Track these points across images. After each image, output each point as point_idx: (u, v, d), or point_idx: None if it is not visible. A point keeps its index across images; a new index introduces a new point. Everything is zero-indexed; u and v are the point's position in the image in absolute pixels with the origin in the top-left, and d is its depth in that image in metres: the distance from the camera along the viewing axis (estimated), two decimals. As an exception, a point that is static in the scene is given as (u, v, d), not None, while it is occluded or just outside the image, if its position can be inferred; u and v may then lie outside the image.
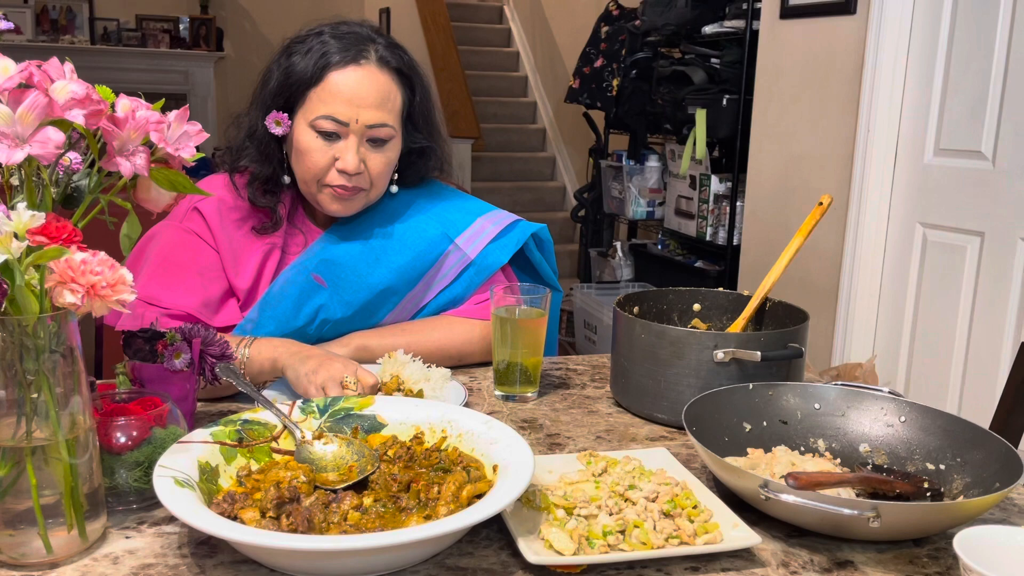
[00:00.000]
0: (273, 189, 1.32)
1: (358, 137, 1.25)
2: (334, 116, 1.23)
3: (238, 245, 1.30)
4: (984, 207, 2.43)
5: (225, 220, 1.31)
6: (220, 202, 1.31)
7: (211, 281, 1.28)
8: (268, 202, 1.31)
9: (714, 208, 3.51)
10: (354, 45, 1.26)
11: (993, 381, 2.38)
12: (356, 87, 1.24)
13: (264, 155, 1.29)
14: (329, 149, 1.25)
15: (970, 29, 2.43)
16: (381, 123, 1.25)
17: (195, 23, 6.93)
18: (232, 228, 1.31)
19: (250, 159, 1.30)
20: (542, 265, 1.45)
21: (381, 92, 1.25)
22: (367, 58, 1.25)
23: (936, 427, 0.97)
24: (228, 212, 1.31)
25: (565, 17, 5.78)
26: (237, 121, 1.34)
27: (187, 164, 0.84)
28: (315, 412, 0.96)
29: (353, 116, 1.24)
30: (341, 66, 1.24)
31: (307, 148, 1.25)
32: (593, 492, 0.87)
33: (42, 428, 0.74)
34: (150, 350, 0.98)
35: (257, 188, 1.31)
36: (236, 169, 1.32)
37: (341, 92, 1.23)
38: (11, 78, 0.71)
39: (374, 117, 1.25)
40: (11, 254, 0.68)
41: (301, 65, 1.25)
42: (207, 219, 1.30)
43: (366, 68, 1.25)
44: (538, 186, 6.00)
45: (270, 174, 1.30)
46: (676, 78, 3.60)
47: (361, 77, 1.24)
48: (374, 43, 1.27)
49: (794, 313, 1.21)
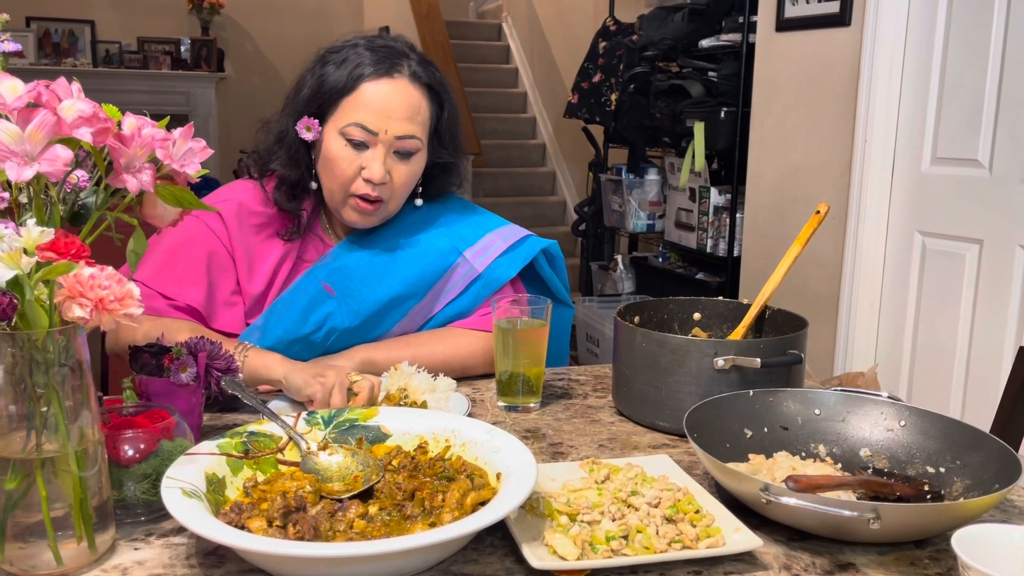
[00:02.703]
0: (299, 194, 1.34)
1: (386, 148, 1.28)
2: (364, 124, 1.26)
3: (254, 250, 1.33)
4: (982, 214, 2.44)
5: (244, 224, 1.33)
6: (240, 206, 1.34)
7: (219, 278, 1.31)
8: (293, 207, 1.34)
9: (714, 220, 3.52)
10: (388, 58, 1.29)
11: (995, 387, 2.38)
12: (388, 99, 1.27)
13: (293, 160, 1.32)
14: (357, 158, 1.27)
15: (965, 38, 2.45)
16: (409, 135, 1.28)
17: (196, 44, 6.98)
18: (250, 233, 1.33)
19: (280, 163, 1.33)
20: (553, 281, 1.46)
21: (412, 105, 1.28)
22: (400, 72, 1.29)
23: (936, 430, 0.98)
24: (248, 216, 1.34)
25: (563, 33, 5.82)
26: (266, 127, 1.37)
27: (192, 180, 0.86)
28: (320, 423, 0.97)
29: (383, 126, 1.26)
30: (374, 78, 1.27)
31: (335, 156, 1.28)
32: (596, 499, 0.88)
33: (52, 441, 0.75)
34: (156, 364, 0.99)
35: (284, 192, 1.34)
36: (265, 173, 1.35)
37: (373, 102, 1.26)
38: (20, 98, 0.73)
39: (403, 129, 1.27)
40: (21, 269, 0.70)
41: (335, 74, 1.28)
42: (225, 219, 1.33)
43: (398, 81, 1.28)
44: (539, 201, 6.03)
45: (297, 179, 1.33)
46: (674, 92, 3.62)
47: (393, 89, 1.27)
48: (408, 58, 1.31)
49: (793, 320, 1.22)
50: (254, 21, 7.23)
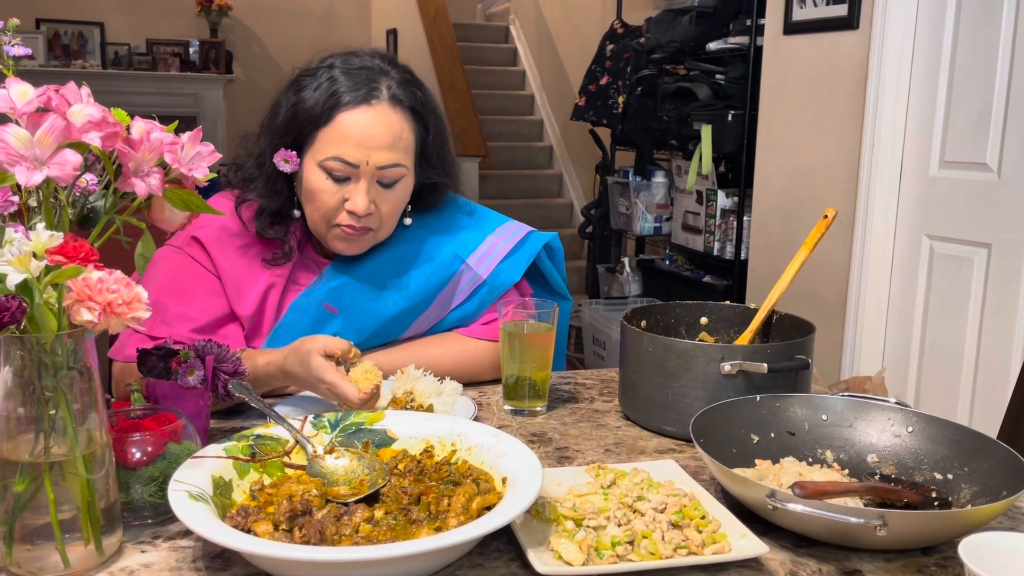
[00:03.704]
0: (282, 221, 1.29)
1: (368, 179, 1.22)
2: (344, 158, 1.20)
3: (241, 273, 1.28)
4: (990, 218, 2.43)
5: (227, 247, 1.29)
6: (222, 229, 1.29)
7: (214, 305, 1.27)
8: (277, 233, 1.29)
9: (721, 223, 3.52)
10: (365, 83, 1.23)
11: (1004, 392, 2.37)
12: (367, 128, 1.21)
13: (272, 190, 1.27)
14: (339, 190, 1.22)
15: (973, 41, 2.44)
16: (392, 163, 1.22)
17: (205, 47, 7.01)
18: (235, 255, 1.28)
19: (256, 194, 1.28)
20: (552, 275, 1.44)
21: (393, 133, 1.22)
22: (378, 97, 1.22)
23: (943, 437, 0.98)
24: (231, 239, 1.29)
25: (570, 36, 5.83)
26: (244, 141, 1.33)
27: (200, 184, 0.86)
28: (326, 427, 0.98)
29: (363, 158, 1.20)
30: (352, 106, 1.21)
31: (316, 189, 1.22)
32: (602, 504, 0.88)
33: (60, 444, 0.75)
34: (164, 367, 0.99)
35: (265, 220, 1.28)
36: (242, 201, 1.29)
37: (352, 133, 1.20)
38: (30, 102, 0.73)
39: (385, 158, 1.22)
40: (30, 273, 0.70)
41: (310, 102, 1.22)
42: (206, 246, 1.28)
43: (377, 108, 1.22)
44: (545, 203, 6.03)
45: (278, 208, 1.28)
46: (681, 94, 3.62)
47: (372, 118, 1.21)
48: (387, 77, 1.24)
49: (801, 325, 1.22)
50: (262, 23, 7.26)
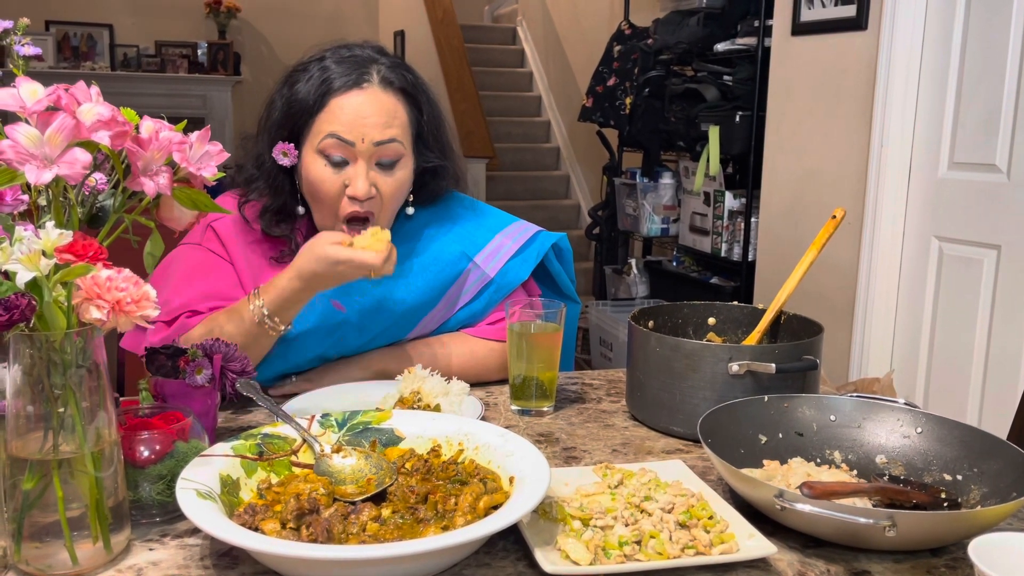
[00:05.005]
0: (286, 219, 1.30)
1: (367, 160, 1.23)
2: (339, 135, 1.21)
3: (253, 267, 1.29)
4: (1000, 220, 2.42)
5: (240, 240, 1.30)
6: (235, 222, 1.31)
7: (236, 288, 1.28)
8: (283, 231, 1.30)
9: (728, 224, 3.51)
10: (356, 69, 1.24)
11: (1013, 393, 2.36)
12: (360, 108, 1.22)
13: (274, 187, 1.28)
14: (339, 176, 1.23)
15: (982, 42, 2.43)
16: (389, 139, 1.23)
17: (213, 48, 7.04)
18: (247, 250, 1.30)
19: (259, 193, 1.29)
20: (561, 276, 1.43)
21: (386, 111, 1.23)
22: (369, 80, 1.24)
23: (953, 438, 0.97)
24: (243, 233, 1.31)
25: (578, 37, 5.83)
26: (244, 143, 1.34)
27: (208, 183, 0.86)
28: (334, 426, 0.98)
29: (359, 135, 1.21)
30: (343, 91, 1.22)
31: (317, 177, 1.23)
32: (609, 503, 0.87)
33: (68, 442, 0.75)
34: (172, 366, 0.99)
35: (270, 219, 1.29)
36: (245, 201, 1.30)
37: (345, 113, 1.22)
38: (40, 101, 0.74)
39: (381, 134, 1.22)
40: (40, 271, 0.70)
41: (303, 92, 1.24)
42: (222, 238, 1.30)
43: (368, 90, 1.23)
44: (552, 204, 6.03)
45: (282, 205, 1.29)
46: (689, 96, 3.62)
47: (364, 99, 1.23)
48: (376, 64, 1.26)
49: (809, 326, 1.21)
50: (270, 25, 7.28)
